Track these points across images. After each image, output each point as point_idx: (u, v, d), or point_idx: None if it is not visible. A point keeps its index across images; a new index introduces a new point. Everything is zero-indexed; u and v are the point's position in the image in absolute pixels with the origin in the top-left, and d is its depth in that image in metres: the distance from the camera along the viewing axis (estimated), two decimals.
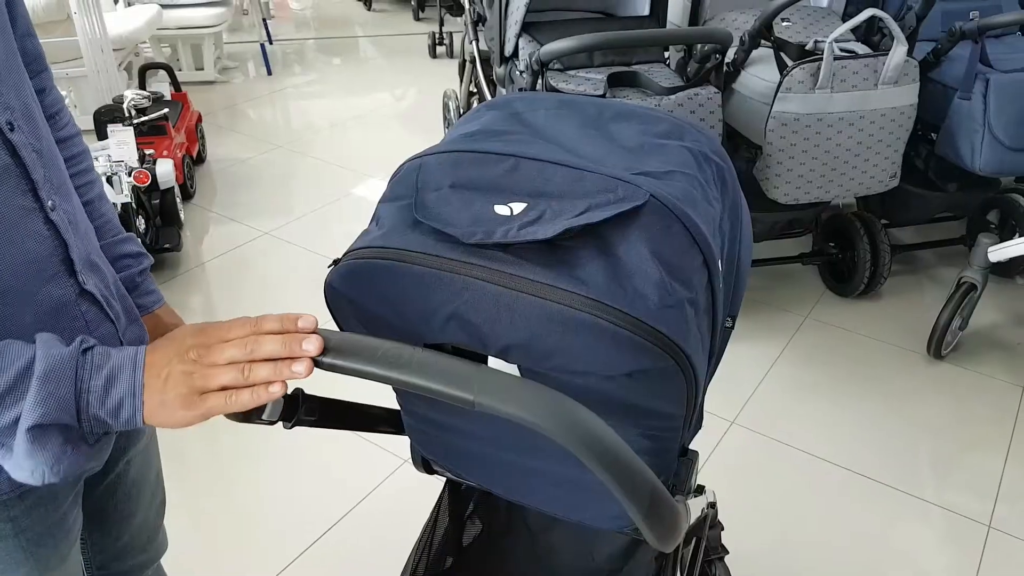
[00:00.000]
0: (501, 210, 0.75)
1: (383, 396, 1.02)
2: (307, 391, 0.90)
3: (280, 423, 0.84)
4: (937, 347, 2.40)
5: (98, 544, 1.05)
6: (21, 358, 0.65)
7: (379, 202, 0.84)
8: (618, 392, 0.74)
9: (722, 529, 1.39)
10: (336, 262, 0.81)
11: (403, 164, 0.85)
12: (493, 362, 0.75)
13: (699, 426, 0.93)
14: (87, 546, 1.04)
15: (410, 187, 0.80)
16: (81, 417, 0.66)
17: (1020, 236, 2.32)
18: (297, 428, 0.88)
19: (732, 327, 0.97)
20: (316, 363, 0.66)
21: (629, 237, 0.72)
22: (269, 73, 5.08)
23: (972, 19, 2.30)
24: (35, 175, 0.74)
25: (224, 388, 0.66)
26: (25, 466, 0.66)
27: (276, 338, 0.66)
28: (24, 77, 0.77)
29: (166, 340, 0.69)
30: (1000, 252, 2.21)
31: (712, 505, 1.32)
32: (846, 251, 2.67)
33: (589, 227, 0.71)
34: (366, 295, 0.78)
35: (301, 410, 0.87)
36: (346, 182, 3.60)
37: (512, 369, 0.75)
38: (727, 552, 1.40)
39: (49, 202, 0.76)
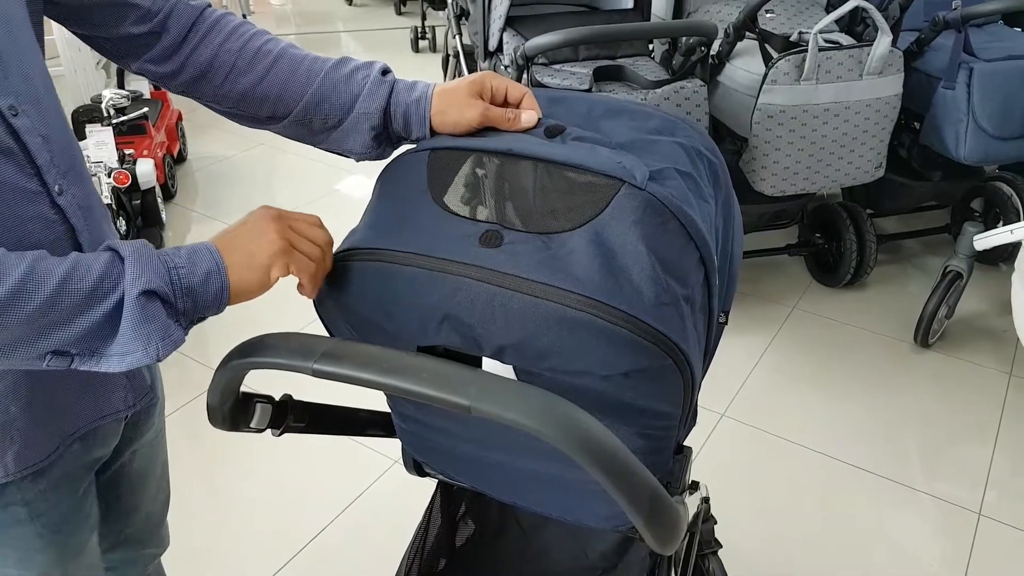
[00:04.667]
0: None
1: (371, 399, 1.01)
2: (295, 396, 0.88)
3: (269, 431, 0.83)
4: (924, 336, 2.41)
5: (101, 533, 1.04)
6: (101, 255, 0.67)
7: (372, 199, 0.82)
8: (614, 392, 0.73)
9: (715, 523, 1.39)
10: None
11: (395, 160, 0.84)
12: (488, 363, 0.74)
13: (693, 423, 0.93)
14: None
15: (415, 184, 0.80)
16: (176, 293, 0.68)
17: (1005, 224, 2.33)
18: None
19: (725, 322, 0.96)
20: (309, 371, 0.65)
21: (625, 234, 0.71)
22: None
23: (955, 8, 2.30)
24: (39, 159, 0.73)
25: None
26: (136, 344, 0.65)
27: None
28: (35, 64, 0.76)
29: (237, 225, 0.76)
30: (985, 240, 2.22)
31: (706, 500, 1.32)
32: (832, 241, 2.68)
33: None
34: (356, 298, 0.77)
35: (290, 417, 0.85)
36: (330, 179, 3.57)
37: (507, 370, 0.74)
38: (720, 546, 1.40)
39: (56, 186, 0.75)
